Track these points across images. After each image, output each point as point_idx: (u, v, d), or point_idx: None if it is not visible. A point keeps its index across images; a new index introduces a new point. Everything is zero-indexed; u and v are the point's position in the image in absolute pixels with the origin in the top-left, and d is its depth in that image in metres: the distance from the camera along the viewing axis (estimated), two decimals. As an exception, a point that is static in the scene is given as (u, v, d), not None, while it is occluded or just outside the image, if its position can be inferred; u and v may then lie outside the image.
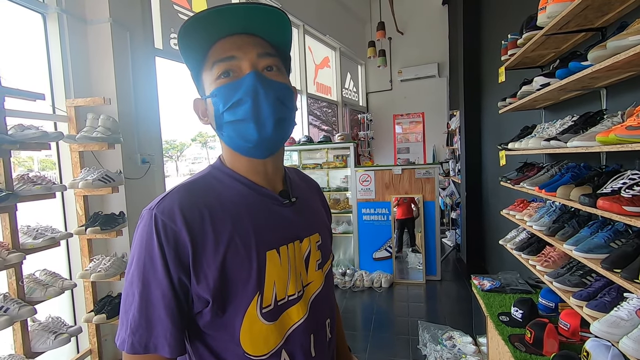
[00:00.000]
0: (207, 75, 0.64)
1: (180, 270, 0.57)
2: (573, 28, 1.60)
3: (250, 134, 0.61)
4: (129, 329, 0.57)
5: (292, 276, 0.66)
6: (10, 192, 1.69)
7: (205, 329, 0.62)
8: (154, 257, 0.56)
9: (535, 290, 2.19)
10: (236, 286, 0.60)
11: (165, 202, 0.60)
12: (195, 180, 0.65)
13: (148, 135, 2.71)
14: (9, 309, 1.64)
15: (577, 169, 1.66)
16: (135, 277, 0.57)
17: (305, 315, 0.67)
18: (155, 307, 0.57)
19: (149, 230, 0.57)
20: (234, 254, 0.60)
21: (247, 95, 0.60)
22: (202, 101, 0.68)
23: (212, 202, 0.62)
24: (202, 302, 0.59)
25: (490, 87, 3.94)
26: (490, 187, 4.00)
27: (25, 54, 2.27)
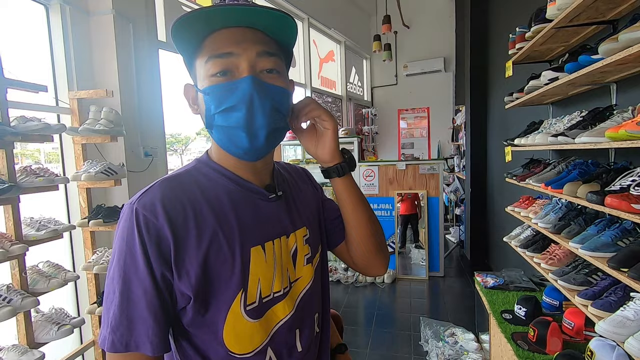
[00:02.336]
0: (200, 66, 0.60)
1: (163, 265, 0.56)
2: (584, 21, 1.56)
3: (241, 142, 0.59)
4: (109, 327, 0.55)
5: (278, 272, 0.65)
6: (13, 183, 1.70)
7: (188, 327, 0.60)
8: (135, 253, 0.55)
9: (539, 288, 2.17)
10: (219, 283, 0.59)
11: (147, 196, 0.57)
12: (179, 174, 0.63)
13: (151, 128, 2.70)
14: (12, 300, 1.65)
15: (585, 166, 1.63)
16: (115, 274, 0.56)
17: (292, 312, 0.66)
18: (136, 304, 0.55)
19: (129, 225, 0.55)
20: (216, 250, 0.59)
21: (241, 102, 0.56)
22: (193, 88, 0.64)
23: (196, 197, 0.60)
24: (184, 298, 0.58)
25: (496, 82, 3.88)
26: (495, 183, 3.96)
27: (28, 45, 2.26)
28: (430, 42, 6.94)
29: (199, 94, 0.62)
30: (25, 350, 1.71)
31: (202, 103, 0.61)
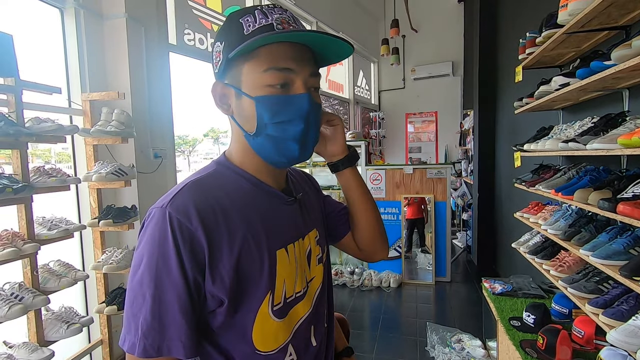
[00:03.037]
0: (253, 73, 0.59)
1: (196, 269, 0.56)
2: (596, 26, 1.55)
3: (292, 154, 0.62)
4: (139, 332, 0.54)
5: (300, 273, 0.68)
6: (27, 183, 1.73)
7: (217, 329, 0.61)
8: (168, 257, 0.54)
9: (548, 296, 2.14)
10: (250, 285, 0.60)
11: (179, 199, 0.57)
12: (204, 177, 0.63)
13: (161, 130, 2.74)
14: (23, 298, 1.68)
15: (596, 172, 1.61)
16: (146, 278, 0.55)
17: (310, 310, 0.70)
18: (169, 308, 0.55)
19: (162, 229, 0.55)
20: (247, 253, 0.60)
21: (300, 118, 0.60)
22: (225, 87, 0.63)
23: (224, 201, 0.61)
24: (215, 301, 0.58)
25: (506, 87, 3.86)
26: (503, 188, 3.93)
27: (42, 48, 2.31)
28: (438, 46, 6.92)
29: (242, 97, 0.61)
30: (36, 348, 1.73)
31: (247, 108, 0.61)
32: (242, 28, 0.59)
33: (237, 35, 0.59)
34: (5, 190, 1.57)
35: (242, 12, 0.60)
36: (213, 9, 3.45)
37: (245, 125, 0.62)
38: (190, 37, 3.16)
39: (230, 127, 0.68)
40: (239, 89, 0.61)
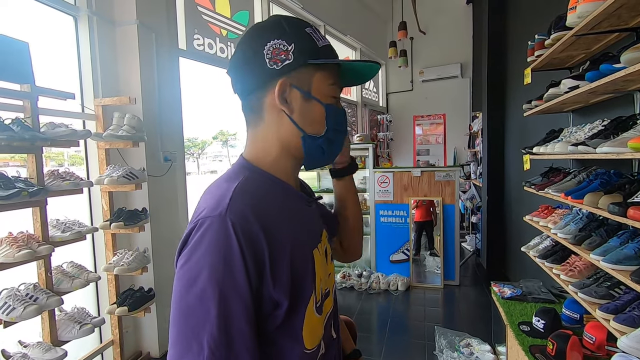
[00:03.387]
0: (322, 82, 0.65)
1: (257, 275, 0.55)
2: (605, 28, 1.53)
3: (331, 157, 0.71)
4: (207, 350, 0.51)
5: (327, 270, 0.72)
6: (41, 187, 1.78)
7: (272, 332, 0.60)
8: (233, 267, 0.52)
9: (558, 300, 2.11)
10: (301, 285, 0.61)
11: (236, 206, 0.56)
12: (245, 182, 0.62)
13: (171, 133, 2.78)
14: (38, 299, 1.72)
15: (607, 176, 1.59)
16: (209, 291, 0.52)
17: (333, 304, 0.75)
18: (235, 320, 0.52)
19: (225, 237, 0.53)
20: (297, 254, 0.61)
21: (345, 129, 0.71)
22: (291, 87, 0.63)
23: (270, 205, 0.61)
24: (272, 304, 0.57)
25: (515, 89, 3.82)
26: (513, 191, 3.89)
27: (57, 55, 2.37)
28: (446, 48, 6.89)
29: (312, 102, 0.65)
30: (49, 347, 1.77)
31: (317, 112, 0.66)
32: (312, 40, 0.64)
33: (311, 44, 0.64)
34: (21, 193, 1.62)
35: (301, 22, 0.66)
36: (222, 14, 3.49)
37: (306, 127, 0.65)
38: (199, 42, 3.21)
39: (259, 129, 0.67)
40: (309, 93, 0.64)
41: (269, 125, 0.66)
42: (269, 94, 0.64)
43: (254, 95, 0.65)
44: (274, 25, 0.64)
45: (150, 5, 2.58)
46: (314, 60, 0.63)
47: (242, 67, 0.65)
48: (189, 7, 3.10)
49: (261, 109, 0.65)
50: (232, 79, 0.68)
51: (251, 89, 0.65)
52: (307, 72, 0.64)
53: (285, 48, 0.62)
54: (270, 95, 0.64)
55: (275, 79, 0.62)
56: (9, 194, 1.58)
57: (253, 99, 0.66)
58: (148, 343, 2.66)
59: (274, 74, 0.62)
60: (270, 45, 0.62)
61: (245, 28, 3.78)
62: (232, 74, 0.67)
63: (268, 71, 0.62)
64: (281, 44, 0.62)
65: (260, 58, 0.62)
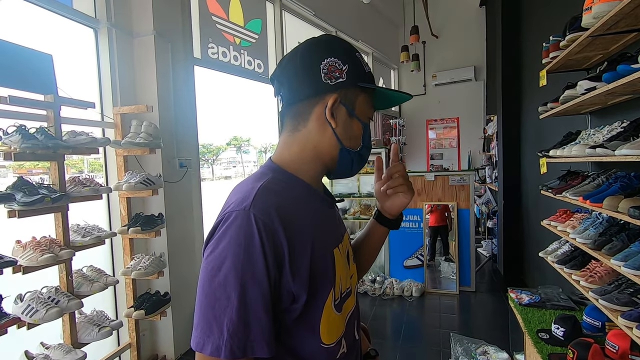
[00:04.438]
0: (364, 105, 0.72)
1: (276, 268, 0.59)
2: (622, 28, 1.50)
3: (358, 170, 0.76)
4: (225, 334, 0.55)
5: (348, 270, 0.74)
6: (63, 193, 1.84)
7: (290, 325, 0.64)
8: (254, 257, 0.57)
9: (579, 307, 2.05)
10: (320, 282, 0.64)
11: (260, 202, 0.60)
12: (269, 182, 0.66)
13: (186, 140, 2.84)
14: (59, 302, 1.78)
15: (627, 179, 1.55)
16: (230, 279, 0.56)
17: (355, 304, 0.77)
18: (253, 307, 0.57)
19: (248, 229, 0.57)
20: (317, 251, 0.64)
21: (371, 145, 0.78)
22: (339, 104, 0.69)
23: (291, 204, 0.65)
24: (290, 297, 0.61)
25: (530, 91, 3.76)
26: (529, 195, 3.80)
27: (78, 65, 2.46)
28: (460, 51, 6.83)
29: (354, 119, 0.71)
30: (70, 349, 1.82)
31: (357, 129, 0.72)
32: (361, 64, 0.71)
33: (360, 69, 0.71)
34: (45, 199, 1.68)
35: (352, 47, 0.72)
36: (236, 23, 3.56)
37: (345, 140, 0.71)
38: (214, 51, 3.28)
39: (298, 135, 0.71)
40: (353, 112, 0.71)
41: (310, 133, 0.70)
42: (318, 106, 0.69)
43: (303, 103, 0.70)
44: (331, 43, 0.71)
45: (167, 16, 2.66)
46: (362, 83, 0.70)
47: (297, 76, 0.69)
48: (203, 16, 3.18)
49: (307, 117, 0.70)
50: (281, 84, 0.71)
51: (301, 98, 0.69)
52: (354, 93, 0.70)
53: (340, 67, 0.68)
54: (319, 106, 0.69)
55: (327, 93, 0.68)
56: (33, 199, 1.64)
57: (300, 106, 0.70)
58: (164, 346, 2.70)
59: (326, 88, 0.68)
60: (327, 61, 0.68)
61: (258, 36, 3.84)
62: (282, 80, 0.71)
63: (322, 85, 0.68)
64: (337, 62, 0.68)
65: (316, 71, 0.68)
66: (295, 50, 0.71)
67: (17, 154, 1.67)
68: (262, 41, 3.89)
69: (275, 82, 0.73)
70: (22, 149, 1.64)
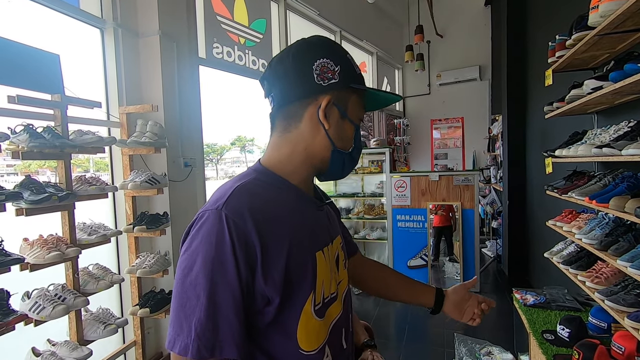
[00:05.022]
0: (356, 106, 0.72)
1: (248, 270, 0.58)
2: (630, 27, 1.49)
3: (349, 171, 0.75)
4: (193, 333, 0.55)
5: (332, 275, 0.72)
6: (70, 191, 1.86)
7: (264, 328, 0.63)
8: (224, 257, 0.56)
9: (584, 308, 2.04)
10: (297, 285, 0.63)
11: (233, 202, 0.60)
12: (249, 182, 0.65)
13: (191, 140, 2.85)
14: (66, 299, 1.79)
15: (634, 179, 1.53)
16: (201, 279, 0.56)
17: (341, 311, 0.74)
18: (222, 308, 0.56)
19: (219, 229, 0.57)
20: (294, 254, 0.63)
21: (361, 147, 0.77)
22: (332, 105, 0.68)
23: (270, 205, 0.64)
24: (264, 300, 0.60)
25: (535, 91, 3.74)
26: (535, 195, 3.78)
27: (84, 65, 2.48)
28: (464, 50, 6.80)
29: (346, 121, 0.71)
30: (76, 346, 1.84)
31: (348, 130, 0.72)
32: (352, 66, 0.71)
33: (352, 70, 0.70)
34: (52, 198, 1.70)
35: (343, 49, 0.72)
36: (240, 23, 3.57)
37: (337, 142, 0.70)
38: (218, 51, 3.29)
39: (288, 136, 0.70)
40: (345, 113, 0.70)
41: (301, 134, 0.69)
42: (311, 107, 0.68)
43: (295, 104, 0.68)
44: (323, 44, 0.70)
45: (172, 17, 2.67)
46: (355, 84, 0.70)
47: (289, 77, 0.67)
48: (208, 16, 3.20)
49: (299, 118, 0.69)
50: (272, 85, 0.70)
51: (293, 99, 0.68)
52: (346, 94, 0.70)
53: (333, 68, 0.68)
54: (312, 107, 0.68)
55: (320, 94, 0.67)
56: (40, 198, 1.66)
57: (292, 107, 0.69)
58: (168, 344, 2.71)
59: (319, 89, 0.67)
60: (320, 62, 0.67)
61: (263, 35, 3.85)
62: (272, 81, 0.69)
63: (315, 86, 0.67)
64: (329, 63, 0.67)
65: (309, 72, 0.67)
66: (287, 51, 0.69)
67: (25, 152, 1.68)
68: (266, 41, 3.90)
69: (266, 84, 0.71)
70: (29, 147, 1.66)
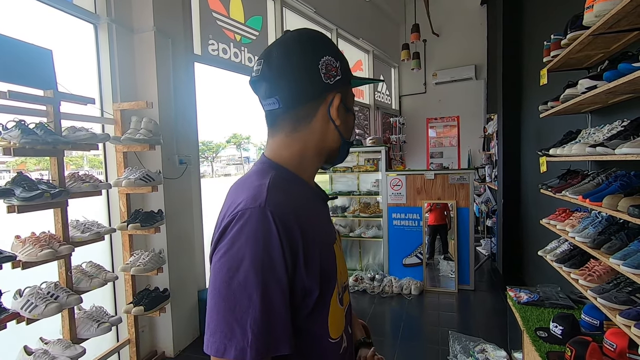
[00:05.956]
0: (350, 96, 0.74)
1: (292, 264, 0.58)
2: (624, 27, 1.50)
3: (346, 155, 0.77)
4: (250, 335, 0.54)
5: (344, 265, 0.75)
6: (63, 189, 1.84)
7: (303, 319, 0.62)
8: (273, 255, 0.56)
9: (577, 306, 2.06)
10: (328, 276, 0.65)
11: (274, 199, 0.59)
12: (275, 180, 0.64)
13: (186, 137, 2.84)
14: (59, 297, 1.78)
15: (627, 178, 1.55)
16: (251, 279, 0.55)
17: (350, 299, 0.79)
18: (275, 306, 0.56)
19: (265, 227, 0.56)
20: (324, 246, 0.66)
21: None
22: (340, 102, 0.69)
23: (302, 201, 0.66)
24: (303, 293, 0.61)
25: (530, 90, 3.76)
26: (529, 194, 3.81)
27: (78, 61, 2.45)
28: (460, 49, 6.82)
29: (349, 113, 0.73)
30: (69, 344, 1.82)
31: (351, 121, 0.74)
32: (345, 59, 0.72)
33: (347, 63, 0.72)
34: (44, 195, 1.68)
35: (332, 41, 0.73)
36: (236, 20, 3.55)
37: (346, 134, 0.73)
38: (214, 47, 3.27)
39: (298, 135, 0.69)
40: (348, 107, 0.73)
41: (312, 132, 0.69)
42: (322, 106, 0.69)
43: (306, 105, 0.68)
44: (321, 41, 0.69)
45: (167, 12, 2.65)
46: (354, 78, 0.72)
47: (298, 78, 0.66)
48: (204, 13, 3.17)
49: (311, 119, 0.69)
50: (276, 87, 0.66)
51: (304, 101, 0.67)
52: (347, 87, 0.72)
53: (335, 65, 0.68)
54: (323, 107, 0.69)
55: (329, 92, 0.68)
56: (32, 195, 1.64)
57: (304, 109, 0.68)
58: (163, 343, 2.71)
59: (327, 88, 0.68)
60: (324, 60, 0.67)
61: (259, 33, 3.83)
62: (277, 83, 0.66)
63: (324, 85, 0.67)
64: (331, 60, 0.68)
65: (316, 71, 0.66)
66: (287, 50, 0.66)
67: (17, 149, 1.66)
68: (262, 38, 3.88)
69: (265, 85, 0.67)
70: (21, 144, 1.64)
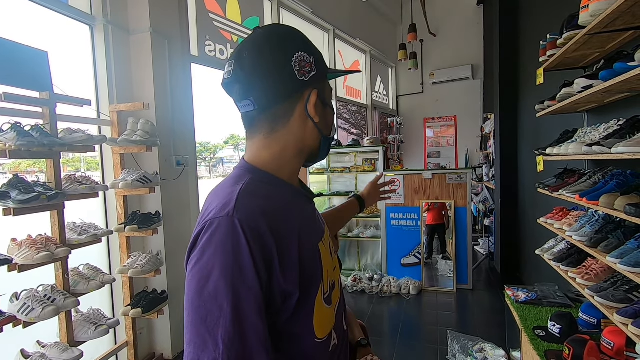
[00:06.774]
0: (328, 91, 0.72)
1: (266, 270, 0.57)
2: (619, 26, 1.51)
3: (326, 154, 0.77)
4: (221, 346, 0.52)
5: (332, 263, 0.74)
6: (59, 191, 1.83)
7: (282, 324, 0.62)
8: (243, 262, 0.55)
9: (575, 305, 2.06)
10: (310, 277, 0.64)
11: (242, 207, 0.58)
12: (249, 183, 0.63)
13: (183, 138, 2.83)
14: (55, 300, 1.77)
15: (623, 177, 1.55)
16: (222, 290, 0.54)
17: (340, 296, 0.77)
18: (247, 315, 0.54)
19: (234, 236, 0.55)
20: (304, 248, 0.64)
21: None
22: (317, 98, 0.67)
23: (276, 204, 0.64)
24: (283, 297, 0.60)
25: (527, 90, 3.77)
26: (526, 193, 3.82)
27: (73, 62, 2.44)
28: (457, 49, 6.84)
29: (327, 108, 0.72)
30: (66, 348, 1.81)
31: (330, 116, 0.73)
32: (319, 52, 0.70)
33: (322, 57, 0.70)
34: (40, 197, 1.67)
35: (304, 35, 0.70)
36: (233, 20, 3.55)
37: (324, 130, 0.72)
38: (211, 48, 3.26)
39: (276, 135, 0.67)
40: (325, 102, 0.71)
41: (291, 132, 0.68)
42: (299, 104, 0.67)
43: (282, 105, 0.66)
44: (292, 35, 0.67)
45: (163, 13, 2.64)
46: (330, 73, 0.70)
47: (270, 77, 0.64)
48: (200, 14, 3.16)
49: (288, 118, 0.67)
50: (249, 88, 0.64)
51: (280, 100, 0.65)
52: (323, 82, 0.70)
53: (309, 60, 0.66)
54: (299, 105, 0.67)
55: (305, 89, 0.67)
56: (28, 197, 1.63)
57: (279, 109, 0.66)
58: (161, 345, 2.69)
59: (303, 85, 0.66)
60: (297, 57, 0.65)
61: (256, 33, 3.82)
62: (250, 84, 0.64)
63: (298, 82, 0.65)
64: (305, 56, 0.66)
65: (289, 69, 0.64)
66: (257, 49, 0.64)
67: (13, 151, 1.65)
68: (259, 39, 3.87)
69: (238, 87, 0.65)
70: (17, 146, 1.63)
